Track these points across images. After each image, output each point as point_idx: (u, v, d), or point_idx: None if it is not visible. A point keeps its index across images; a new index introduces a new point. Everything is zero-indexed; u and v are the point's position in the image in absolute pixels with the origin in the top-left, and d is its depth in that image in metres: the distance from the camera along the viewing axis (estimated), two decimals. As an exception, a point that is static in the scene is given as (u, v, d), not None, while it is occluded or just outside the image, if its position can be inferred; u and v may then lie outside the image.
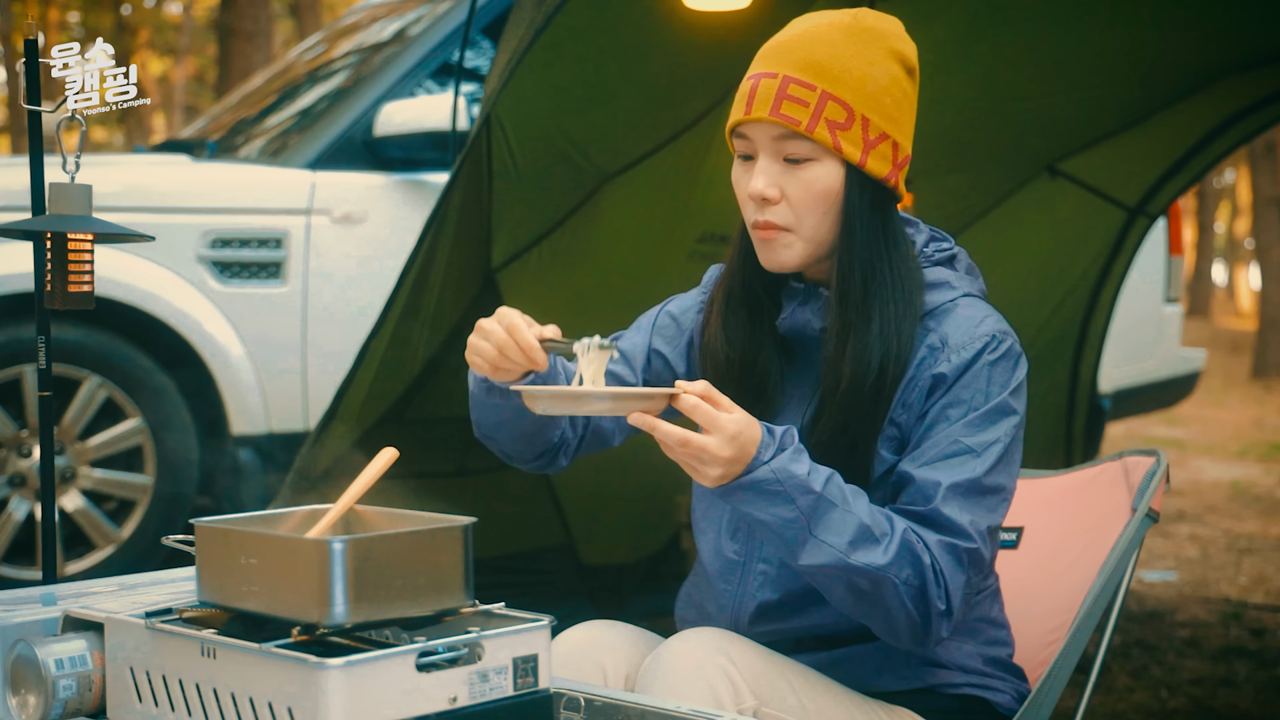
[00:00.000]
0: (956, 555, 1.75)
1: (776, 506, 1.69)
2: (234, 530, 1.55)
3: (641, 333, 2.04)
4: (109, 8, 18.60)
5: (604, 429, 2.01)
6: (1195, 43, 4.07)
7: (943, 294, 1.87)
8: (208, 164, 4.78)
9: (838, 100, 1.79)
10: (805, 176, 1.81)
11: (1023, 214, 4.73)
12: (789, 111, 1.78)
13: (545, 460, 2.00)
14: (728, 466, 1.66)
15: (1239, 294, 34.85)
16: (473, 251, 3.64)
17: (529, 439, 1.93)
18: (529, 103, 3.50)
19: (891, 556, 1.71)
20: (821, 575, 1.73)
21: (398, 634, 1.55)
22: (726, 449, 1.65)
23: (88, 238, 2.07)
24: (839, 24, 1.83)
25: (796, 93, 1.78)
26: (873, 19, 1.85)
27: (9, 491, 4.13)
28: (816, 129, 1.78)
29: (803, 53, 1.81)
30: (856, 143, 1.80)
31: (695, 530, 2.01)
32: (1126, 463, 2.30)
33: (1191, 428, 11.19)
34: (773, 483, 1.68)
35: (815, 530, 1.69)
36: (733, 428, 1.65)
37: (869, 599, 1.73)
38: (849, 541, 1.70)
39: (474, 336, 1.79)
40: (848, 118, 1.79)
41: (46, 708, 1.57)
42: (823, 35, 1.82)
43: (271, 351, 4.43)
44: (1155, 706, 3.85)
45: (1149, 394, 6.39)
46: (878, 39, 1.83)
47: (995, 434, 1.79)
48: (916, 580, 1.73)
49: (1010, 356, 1.83)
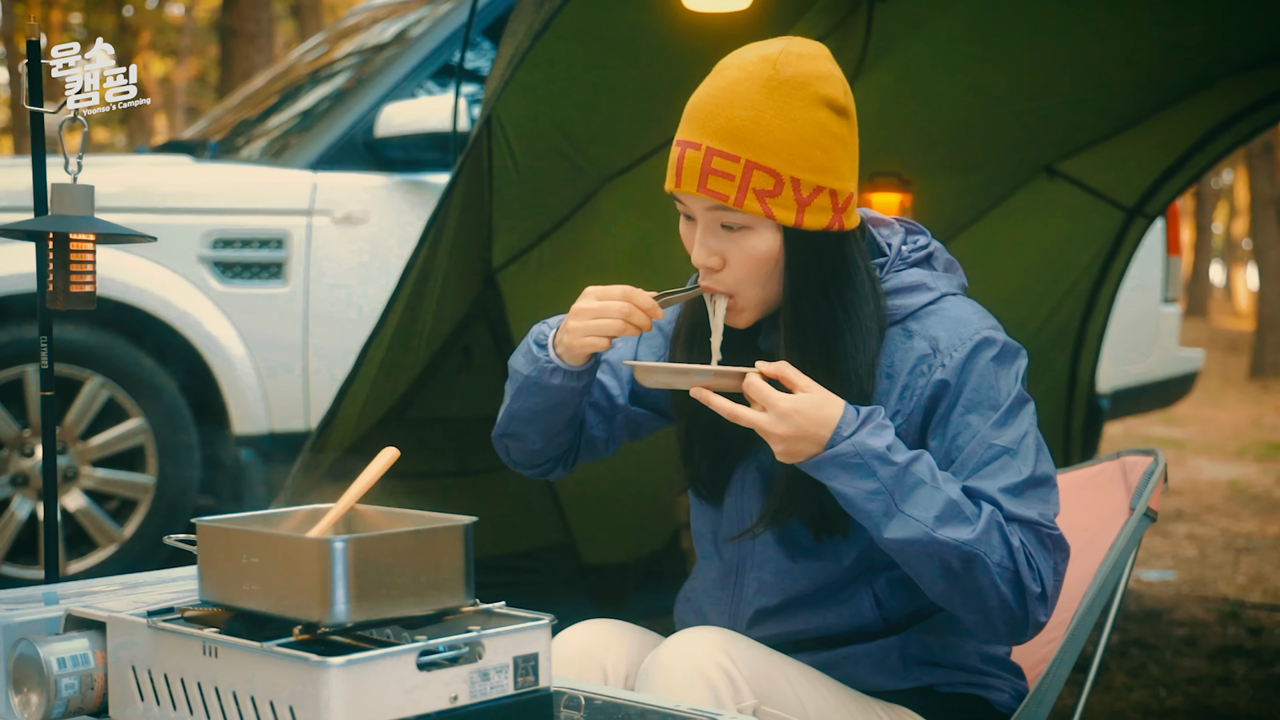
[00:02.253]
0: (1041, 539, 1.76)
1: (858, 479, 1.70)
2: (235, 530, 1.55)
3: (628, 343, 2.05)
4: (111, 9, 18.59)
5: (596, 439, 2.03)
6: (1193, 44, 4.07)
7: (921, 295, 1.86)
8: (209, 165, 4.79)
9: (763, 169, 1.75)
10: (744, 244, 1.80)
11: (1021, 214, 4.74)
12: (715, 187, 1.76)
13: (551, 465, 2.02)
14: (789, 444, 1.70)
15: (1237, 294, 34.83)
16: (473, 252, 3.65)
17: (556, 435, 1.96)
18: (529, 104, 3.50)
19: (979, 534, 1.70)
20: (910, 553, 1.72)
21: (398, 633, 1.55)
22: (780, 426, 1.69)
23: (90, 238, 2.07)
24: (759, 77, 1.77)
25: (721, 166, 1.75)
26: (794, 64, 1.78)
27: (11, 491, 4.14)
28: (745, 201, 1.76)
29: (723, 120, 1.76)
30: (789, 205, 1.77)
31: (694, 536, 2.02)
32: (1125, 462, 2.31)
33: (1189, 427, 11.19)
34: (852, 455, 1.70)
35: (901, 504, 1.69)
36: (787, 405, 1.69)
37: (961, 582, 1.72)
38: (935, 517, 1.69)
39: (586, 310, 1.84)
40: (776, 183, 1.76)
41: (49, 706, 1.57)
42: (741, 96, 1.77)
43: (273, 351, 4.44)
44: (1153, 705, 3.85)
45: (1147, 394, 6.39)
46: (798, 89, 1.77)
47: (1022, 427, 1.80)
48: (1009, 562, 1.72)
49: (1009, 349, 1.84)
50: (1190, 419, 11.60)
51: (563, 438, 1.98)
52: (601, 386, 2.02)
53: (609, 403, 2.03)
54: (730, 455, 1.94)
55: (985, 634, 1.80)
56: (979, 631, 1.80)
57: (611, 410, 2.03)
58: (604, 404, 2.02)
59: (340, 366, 4.03)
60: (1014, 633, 1.77)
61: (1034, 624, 1.77)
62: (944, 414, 1.80)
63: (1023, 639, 1.80)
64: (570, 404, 1.91)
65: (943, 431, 1.80)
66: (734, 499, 1.94)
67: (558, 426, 1.94)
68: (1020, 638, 1.79)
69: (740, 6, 3.39)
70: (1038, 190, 4.74)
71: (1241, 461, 9.37)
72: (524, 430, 1.96)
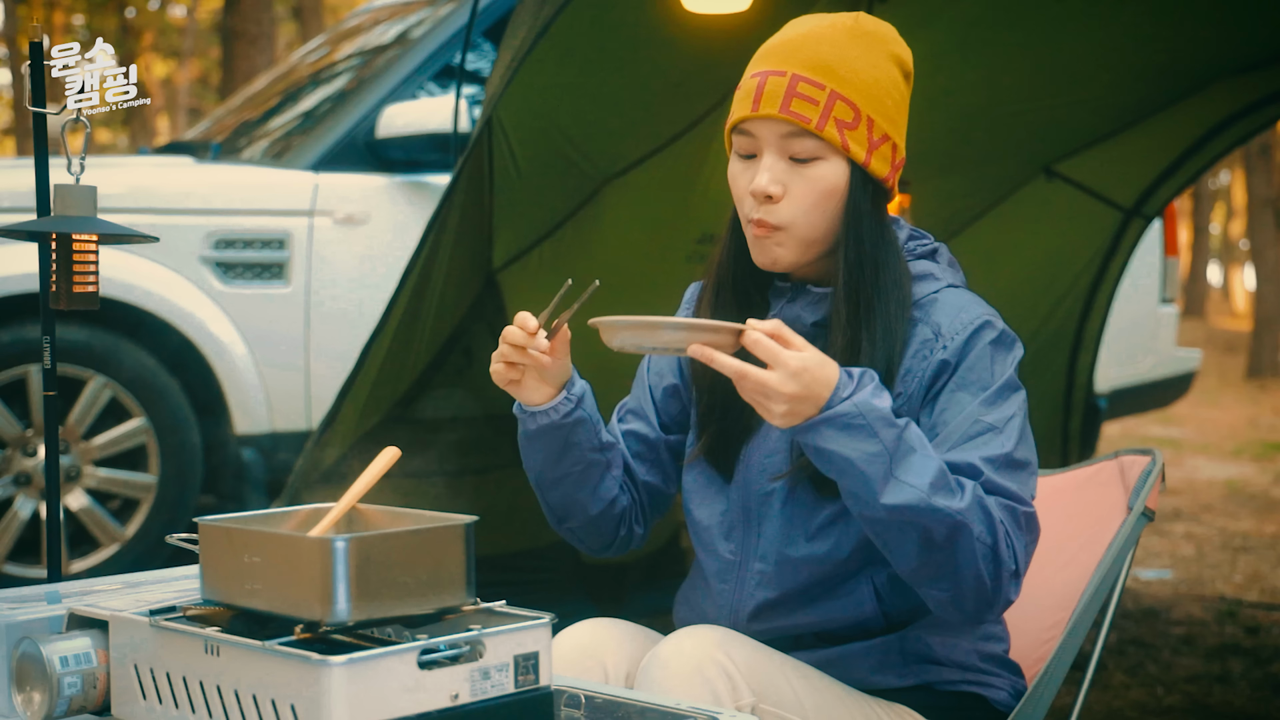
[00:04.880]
0: (1016, 517, 1.75)
1: (860, 441, 1.66)
2: (237, 529, 1.55)
3: (640, 385, 2.07)
4: (113, 11, 18.60)
5: (654, 485, 2.05)
6: (1191, 45, 4.08)
7: (928, 285, 1.89)
8: (211, 166, 4.79)
9: (845, 100, 1.80)
10: (811, 174, 1.82)
11: (1020, 215, 4.75)
12: (799, 109, 1.80)
13: (622, 527, 2.03)
14: (793, 404, 1.65)
15: (1234, 295, 34.85)
16: (474, 252, 3.66)
17: (595, 489, 1.95)
18: (530, 105, 3.51)
19: (968, 504, 1.69)
20: (897, 522, 1.69)
21: (400, 632, 1.56)
22: (789, 385, 1.64)
23: (92, 239, 2.07)
24: (842, 26, 1.85)
25: (806, 91, 1.80)
26: (872, 23, 1.87)
27: (14, 490, 4.15)
28: (826, 127, 1.80)
29: (809, 52, 1.82)
30: (862, 142, 1.82)
31: (691, 532, 2.03)
32: (1122, 461, 2.31)
33: (1187, 427, 11.20)
34: (855, 416, 1.66)
35: (897, 470, 1.66)
36: (796, 364, 1.64)
37: (939, 554, 1.69)
38: (930, 483, 1.67)
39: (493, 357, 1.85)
40: (854, 118, 1.81)
41: (51, 705, 1.57)
42: (827, 36, 1.84)
43: (274, 351, 4.45)
44: (1151, 703, 3.86)
45: (1145, 393, 6.40)
46: (879, 42, 1.86)
47: (1010, 409, 1.80)
48: (989, 538, 1.70)
49: (1007, 336, 1.85)
50: (1188, 419, 11.61)
51: (608, 492, 1.97)
52: (633, 434, 2.04)
53: (646, 445, 2.04)
54: (740, 433, 1.94)
55: (950, 611, 1.76)
56: (942, 609, 1.76)
57: (652, 451, 2.05)
58: (643, 450, 2.04)
59: (341, 366, 4.04)
60: (980, 610, 1.74)
61: (1004, 601, 1.74)
62: (937, 391, 1.82)
63: (986, 618, 1.77)
64: (576, 446, 1.91)
65: (932, 406, 1.81)
66: (739, 485, 1.95)
67: (591, 479, 1.95)
68: (984, 616, 1.76)
69: (740, 8, 3.40)
70: (1036, 191, 4.75)
71: (1239, 461, 9.38)
72: (561, 499, 1.97)
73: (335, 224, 4.54)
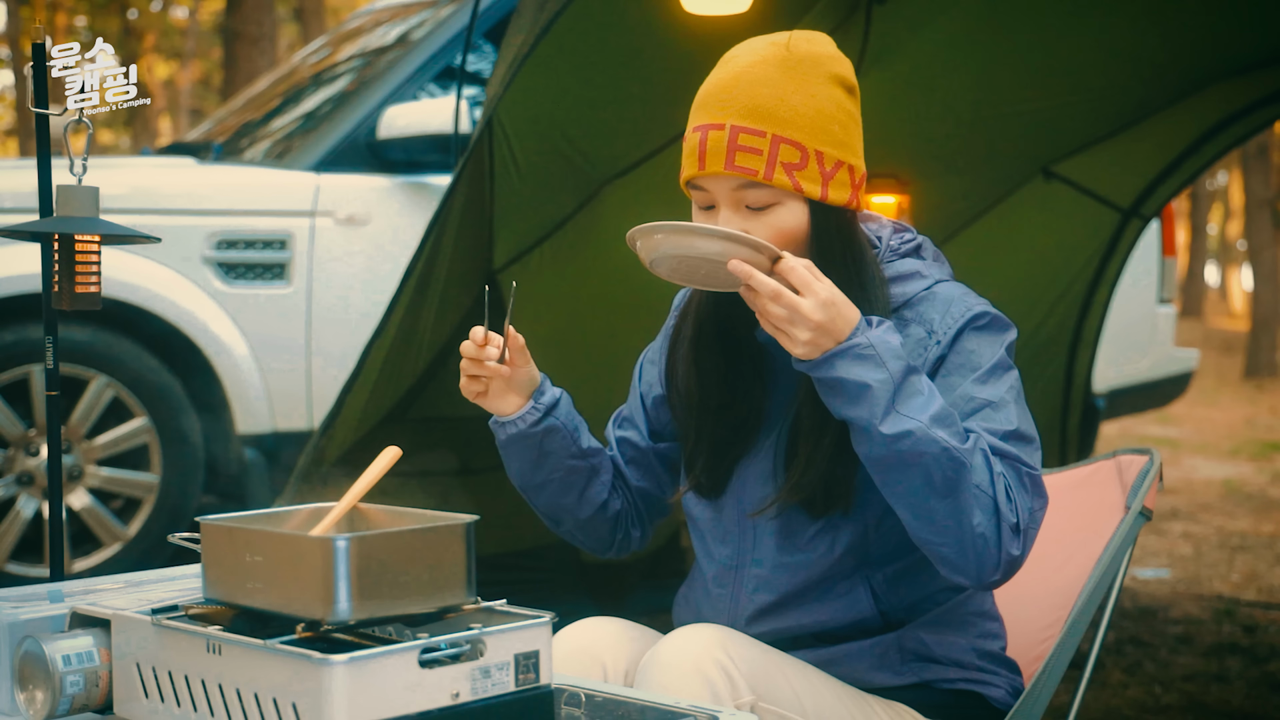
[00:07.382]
0: (1020, 477, 1.75)
1: (869, 370, 1.69)
2: (239, 528, 1.56)
3: (634, 394, 2.10)
4: (115, 12, 18.60)
5: (647, 490, 2.07)
6: (1189, 47, 4.09)
7: (916, 283, 1.89)
8: (213, 166, 4.80)
9: (789, 142, 1.78)
10: (770, 221, 1.81)
11: (1018, 216, 4.76)
12: (744, 162, 1.77)
13: (619, 529, 2.07)
14: (816, 334, 1.69)
15: (1231, 295, 34.84)
16: (475, 253, 3.66)
17: (583, 492, 1.99)
18: (530, 106, 3.52)
19: (970, 446, 1.71)
20: (901, 455, 1.69)
21: (401, 630, 1.56)
22: (818, 313, 1.68)
23: (95, 239, 2.08)
24: (774, 59, 1.81)
25: (748, 142, 1.77)
26: (805, 44, 1.83)
27: (17, 490, 4.16)
28: (775, 175, 1.78)
29: (745, 98, 1.79)
30: (815, 179, 1.80)
31: (691, 531, 2.04)
32: (1120, 461, 2.32)
33: (1184, 427, 11.21)
34: (867, 347, 1.69)
35: (900, 403, 1.69)
36: (826, 294, 1.69)
37: (943, 498, 1.70)
38: (932, 416, 1.69)
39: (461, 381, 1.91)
40: (802, 157, 1.78)
41: (54, 703, 1.58)
42: (760, 76, 1.80)
43: (276, 351, 4.46)
44: (1149, 702, 3.87)
45: (1142, 393, 6.40)
46: (813, 66, 1.82)
47: (1004, 386, 1.81)
48: (989, 489, 1.71)
49: (998, 322, 1.86)
50: (1185, 418, 11.62)
51: (596, 497, 2.01)
52: (626, 441, 2.07)
53: (637, 451, 2.07)
54: (732, 451, 1.96)
55: (954, 570, 1.75)
56: (947, 568, 1.76)
57: (643, 457, 2.07)
58: (635, 456, 2.07)
59: (343, 366, 4.05)
60: (983, 569, 1.73)
61: (1006, 559, 1.73)
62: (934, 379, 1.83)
63: (991, 579, 1.75)
64: (552, 454, 1.94)
65: None
66: (733, 495, 1.96)
67: (574, 485, 1.98)
68: (987, 577, 1.74)
69: (740, 9, 3.41)
70: (1034, 191, 4.76)
71: (1236, 460, 9.39)
72: (547, 505, 2.01)
73: (337, 224, 4.54)
